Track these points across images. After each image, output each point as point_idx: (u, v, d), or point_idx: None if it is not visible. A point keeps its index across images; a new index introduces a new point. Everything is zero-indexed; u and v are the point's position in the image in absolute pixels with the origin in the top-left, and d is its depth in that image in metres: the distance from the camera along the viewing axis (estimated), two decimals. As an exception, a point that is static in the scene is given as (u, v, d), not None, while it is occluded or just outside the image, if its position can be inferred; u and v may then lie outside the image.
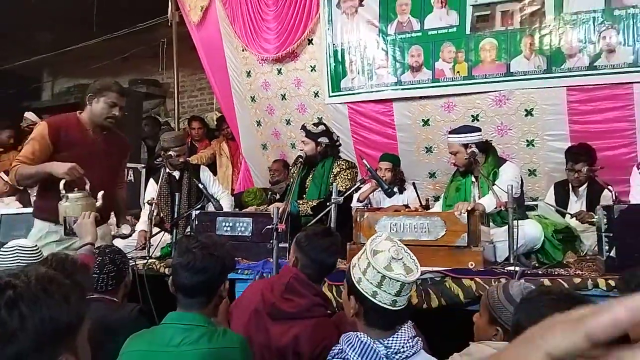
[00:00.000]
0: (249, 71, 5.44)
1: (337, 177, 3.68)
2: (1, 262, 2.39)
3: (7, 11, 6.27)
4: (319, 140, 3.79)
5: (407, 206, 4.23)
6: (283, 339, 1.97)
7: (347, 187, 3.46)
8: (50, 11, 6.45)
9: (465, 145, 3.32)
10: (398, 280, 1.51)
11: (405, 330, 1.59)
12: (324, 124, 4.01)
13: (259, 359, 1.98)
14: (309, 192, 3.75)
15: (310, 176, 3.83)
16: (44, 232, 2.97)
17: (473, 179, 3.39)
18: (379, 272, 1.53)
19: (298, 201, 3.66)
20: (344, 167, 3.77)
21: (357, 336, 1.56)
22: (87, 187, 2.78)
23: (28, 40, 7.46)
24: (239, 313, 2.12)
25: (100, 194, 2.76)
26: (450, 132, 3.54)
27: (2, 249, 2.49)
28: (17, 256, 2.39)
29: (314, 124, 3.97)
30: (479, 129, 3.55)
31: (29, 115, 6.34)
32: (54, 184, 2.76)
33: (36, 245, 2.52)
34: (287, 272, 2.13)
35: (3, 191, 5.02)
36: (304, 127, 3.94)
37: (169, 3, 5.75)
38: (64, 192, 2.73)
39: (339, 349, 1.59)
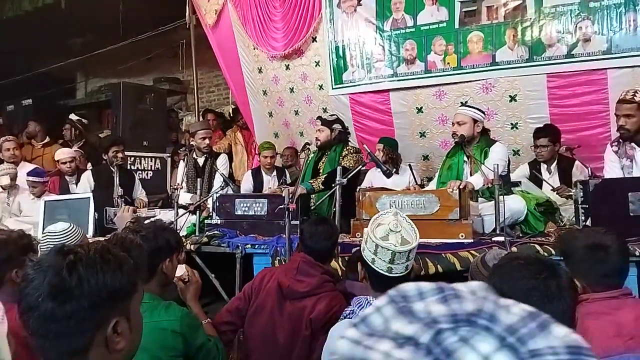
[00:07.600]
0: (260, 67, 5.41)
1: (344, 159, 3.67)
2: (42, 246, 2.38)
3: (42, 20, 6.25)
4: (333, 127, 3.78)
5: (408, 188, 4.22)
6: (300, 315, 2.02)
7: (350, 166, 3.48)
8: (80, 19, 6.43)
9: (475, 121, 3.28)
10: (389, 249, 1.57)
11: None
12: (335, 115, 4.00)
13: (282, 333, 2.05)
14: (323, 174, 3.73)
15: (323, 159, 3.81)
16: None
17: (465, 158, 3.37)
18: (374, 242, 1.60)
19: (310, 181, 3.64)
20: (351, 151, 3.76)
21: (367, 299, 1.61)
22: None
23: (62, 45, 7.45)
24: (265, 296, 2.15)
25: None
26: (462, 106, 3.55)
27: (43, 234, 2.47)
28: (47, 241, 2.31)
29: (327, 115, 3.94)
30: (484, 112, 3.46)
31: (73, 117, 6.32)
32: None
33: (68, 227, 2.35)
34: (297, 258, 2.18)
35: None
36: (319, 118, 3.92)
37: (187, 7, 5.71)
38: None
39: (350, 310, 1.64)
